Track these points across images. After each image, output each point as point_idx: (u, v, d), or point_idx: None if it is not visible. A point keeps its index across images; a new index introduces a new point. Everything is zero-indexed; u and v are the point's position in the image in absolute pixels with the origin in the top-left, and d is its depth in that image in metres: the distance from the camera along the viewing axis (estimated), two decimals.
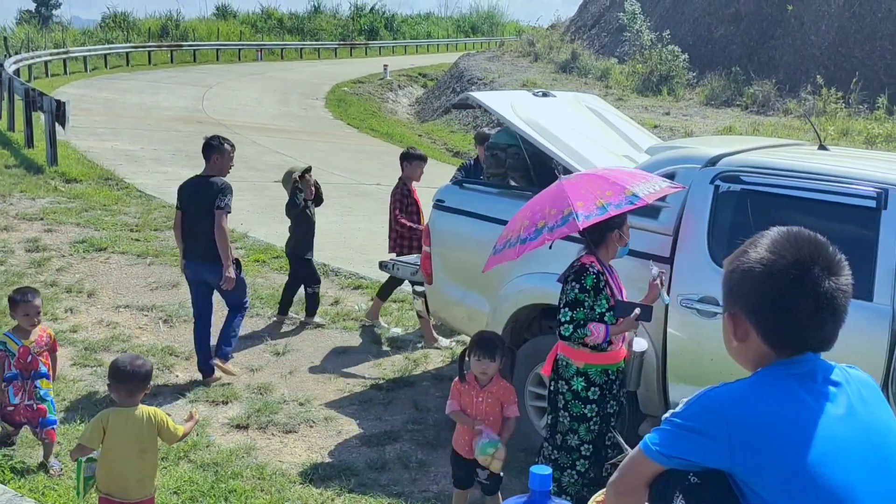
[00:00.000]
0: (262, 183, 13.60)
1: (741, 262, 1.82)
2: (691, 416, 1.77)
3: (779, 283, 1.76)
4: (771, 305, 1.77)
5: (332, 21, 52.15)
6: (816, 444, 1.69)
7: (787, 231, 1.82)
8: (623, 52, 27.59)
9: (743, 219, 4.32)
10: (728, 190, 4.43)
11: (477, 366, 4.14)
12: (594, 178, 4.19)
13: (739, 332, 1.83)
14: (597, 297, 4.06)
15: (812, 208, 4.16)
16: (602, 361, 4.13)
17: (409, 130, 24.12)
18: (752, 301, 1.80)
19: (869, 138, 17.70)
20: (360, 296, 8.16)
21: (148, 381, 3.83)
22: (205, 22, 45.99)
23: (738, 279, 1.82)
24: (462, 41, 54.54)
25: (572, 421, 4.15)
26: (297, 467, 4.90)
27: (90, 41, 36.05)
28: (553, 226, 3.92)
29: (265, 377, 6.17)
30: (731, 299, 1.85)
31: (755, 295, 1.79)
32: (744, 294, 1.81)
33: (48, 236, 9.33)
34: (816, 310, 1.75)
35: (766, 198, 4.32)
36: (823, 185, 4.16)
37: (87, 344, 6.47)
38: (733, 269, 1.84)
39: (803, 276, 1.74)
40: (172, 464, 4.76)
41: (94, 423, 3.78)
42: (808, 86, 21.51)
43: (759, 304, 1.79)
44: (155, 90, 25.55)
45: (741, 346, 1.84)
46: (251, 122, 21.42)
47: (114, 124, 18.38)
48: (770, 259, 1.77)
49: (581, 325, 4.03)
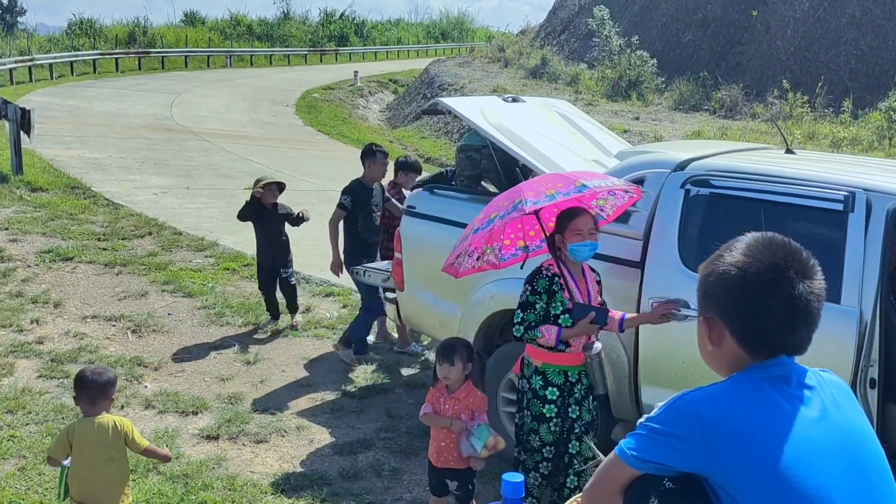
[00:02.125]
0: (232, 190, 13.51)
1: (716, 267, 1.84)
2: (666, 421, 1.77)
3: (754, 286, 1.77)
4: (746, 309, 1.78)
5: (302, 27, 52.04)
6: (791, 447, 1.69)
7: (762, 236, 1.83)
8: (592, 57, 27.79)
9: (712, 222, 4.35)
10: (697, 194, 4.45)
11: (440, 371, 4.15)
12: (551, 176, 4.25)
13: (714, 336, 1.84)
14: (550, 300, 4.07)
15: (781, 211, 4.20)
16: (558, 362, 4.12)
17: (380, 136, 24.07)
18: (727, 304, 1.81)
19: (835, 142, 17.95)
20: (331, 303, 8.11)
21: (109, 389, 3.80)
22: (173, 29, 45.71)
23: (714, 283, 1.83)
24: (432, 47, 54.68)
25: (533, 420, 4.17)
26: (269, 478, 4.85)
27: (56, 48, 35.67)
28: (503, 214, 3.95)
29: (236, 386, 6.11)
30: (707, 303, 1.85)
31: (731, 298, 1.80)
32: (719, 297, 1.82)
33: (13, 246, 9.18)
34: (791, 313, 1.76)
35: (735, 201, 4.36)
36: (792, 189, 4.19)
37: (54, 355, 6.37)
38: (708, 274, 1.85)
39: (778, 280, 1.76)
40: (142, 476, 4.69)
41: (59, 435, 3.81)
42: (774, 90, 21.78)
43: (735, 308, 1.80)
44: (122, 97, 25.31)
45: (716, 350, 1.85)
46: (221, 129, 21.28)
47: (80, 132, 18.17)
48: (745, 262, 1.79)
49: (531, 327, 4.06)
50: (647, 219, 4.57)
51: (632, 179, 4.62)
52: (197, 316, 7.50)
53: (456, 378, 4.13)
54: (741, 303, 1.79)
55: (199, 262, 9.17)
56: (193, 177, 14.52)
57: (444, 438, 4.16)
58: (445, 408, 4.15)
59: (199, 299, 7.87)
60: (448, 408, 4.15)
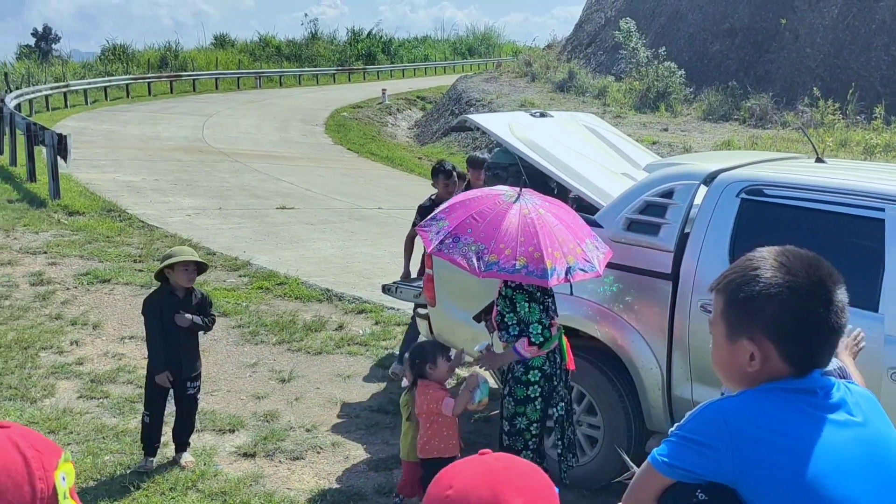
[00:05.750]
0: (264, 210, 13.66)
1: (756, 286, 1.81)
2: (694, 429, 1.78)
3: (808, 302, 1.76)
4: (800, 327, 1.77)
5: (330, 47, 52.51)
6: (819, 458, 1.69)
7: (785, 250, 1.83)
8: (620, 69, 27.74)
9: (767, 232, 4.30)
10: (752, 203, 4.41)
11: (434, 374, 4.49)
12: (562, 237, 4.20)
13: (759, 356, 1.81)
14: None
15: (816, 220, 4.19)
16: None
17: (409, 153, 24.21)
18: (778, 323, 1.78)
19: (867, 149, 17.74)
20: (363, 320, 8.17)
21: None
22: (203, 52, 46.32)
23: (761, 303, 1.80)
24: (459, 63, 54.87)
25: (517, 404, 4.36)
26: (305, 494, 4.90)
27: (90, 74, 36.31)
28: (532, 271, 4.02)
29: (271, 404, 6.17)
30: (750, 324, 1.82)
31: (783, 317, 1.77)
32: (767, 317, 1.79)
33: (52, 269, 9.37)
34: (838, 327, 1.77)
35: (787, 210, 4.33)
36: (825, 197, 4.18)
37: (94, 376, 6.48)
38: (748, 296, 1.81)
39: (829, 296, 1.77)
40: (181, 494, 4.76)
41: None
42: (804, 98, 21.60)
43: (788, 327, 1.78)
44: (155, 121, 25.70)
45: (757, 371, 1.82)
46: (252, 149, 21.52)
47: (115, 156, 18.48)
48: (793, 280, 1.78)
49: None
50: (678, 230, 4.57)
51: (661, 192, 4.64)
52: (232, 335, 7.59)
53: (443, 375, 4.49)
54: (795, 321, 1.77)
55: (232, 281, 9.29)
56: (226, 197, 14.71)
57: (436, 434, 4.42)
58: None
59: (233, 318, 7.97)
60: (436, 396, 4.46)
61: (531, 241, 4.06)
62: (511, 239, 4.07)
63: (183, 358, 5.10)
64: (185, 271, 5.02)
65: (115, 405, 5.91)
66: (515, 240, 4.06)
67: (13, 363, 6.66)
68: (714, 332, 1.91)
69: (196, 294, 5.15)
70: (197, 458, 5.18)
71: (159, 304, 5.06)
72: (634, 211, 4.71)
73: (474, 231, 4.13)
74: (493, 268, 4.01)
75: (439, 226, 4.23)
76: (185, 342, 5.11)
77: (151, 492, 4.76)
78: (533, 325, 4.23)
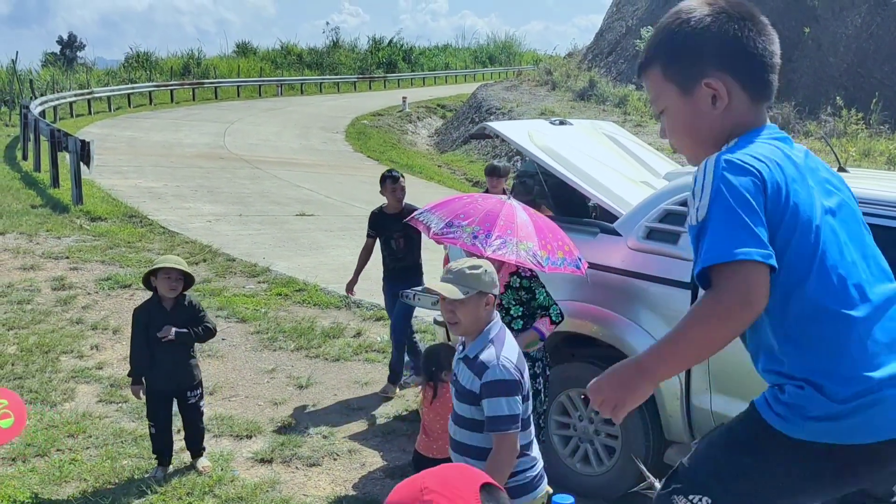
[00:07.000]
0: (284, 216, 13.72)
1: (689, 25, 1.84)
2: (729, 195, 1.81)
3: (743, 25, 1.83)
4: (744, 47, 1.83)
5: (351, 55, 52.75)
6: (802, 184, 1.87)
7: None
8: None
9: None
10: None
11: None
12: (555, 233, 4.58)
13: (722, 91, 1.86)
14: None
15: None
16: None
17: (429, 161, 24.25)
18: (726, 49, 1.83)
19: (891, 158, 17.58)
20: (381, 327, 8.17)
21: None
22: (226, 59, 46.69)
23: (701, 37, 1.83)
24: (480, 71, 54.92)
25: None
26: (322, 500, 4.89)
27: (114, 81, 36.69)
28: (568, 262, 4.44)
29: (288, 410, 6.18)
30: (700, 63, 1.85)
31: (727, 42, 1.82)
32: (714, 48, 1.83)
33: (74, 274, 9.44)
34: (772, 51, 1.90)
35: None
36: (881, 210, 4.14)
37: (113, 381, 6.52)
38: (687, 34, 1.84)
39: (761, 24, 1.87)
40: (198, 499, 4.77)
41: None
42: (828, 107, 21.43)
43: (735, 48, 1.83)
44: (177, 128, 25.90)
45: (722, 112, 1.88)
46: (272, 156, 21.63)
47: (137, 162, 18.63)
48: (721, 8, 1.83)
49: None
50: None
51: (681, 200, 4.61)
52: (250, 341, 7.62)
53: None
54: (737, 42, 1.83)
55: (252, 287, 9.32)
56: (246, 204, 14.78)
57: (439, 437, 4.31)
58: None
59: (252, 324, 8.00)
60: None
61: (527, 230, 4.41)
62: (510, 223, 4.40)
63: (178, 369, 4.99)
64: (168, 279, 4.85)
65: (134, 409, 5.94)
66: (514, 225, 4.39)
67: (34, 367, 6.71)
68: (664, 106, 1.93)
69: (186, 303, 4.99)
70: (214, 463, 5.19)
71: (147, 314, 4.94)
72: (654, 219, 4.69)
73: (468, 216, 4.45)
74: (501, 249, 4.27)
75: (432, 217, 4.58)
76: (178, 353, 4.96)
77: (169, 496, 4.78)
78: (553, 307, 4.54)
